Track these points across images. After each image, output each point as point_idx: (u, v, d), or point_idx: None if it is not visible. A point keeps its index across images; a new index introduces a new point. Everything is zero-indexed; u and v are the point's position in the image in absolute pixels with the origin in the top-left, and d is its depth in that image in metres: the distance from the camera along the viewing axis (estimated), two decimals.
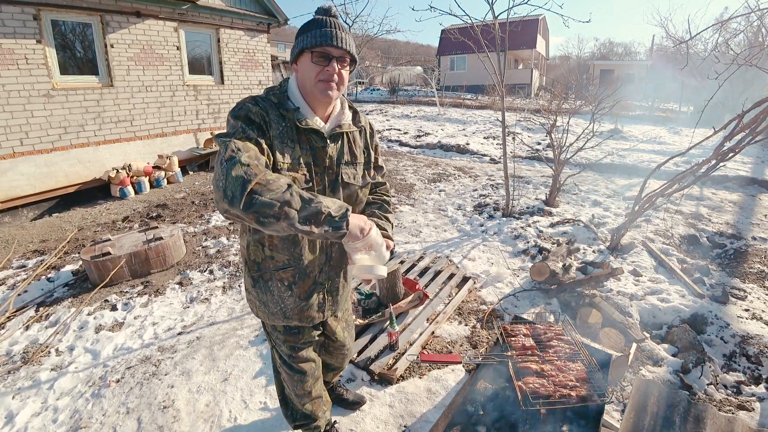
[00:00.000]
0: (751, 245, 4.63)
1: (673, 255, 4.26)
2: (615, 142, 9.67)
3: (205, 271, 3.96)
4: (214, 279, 3.82)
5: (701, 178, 3.64)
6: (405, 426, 2.31)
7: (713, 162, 3.53)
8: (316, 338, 1.74)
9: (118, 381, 2.58)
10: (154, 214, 5.46)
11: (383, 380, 2.65)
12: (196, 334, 3.03)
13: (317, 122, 1.40)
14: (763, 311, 3.44)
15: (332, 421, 2.17)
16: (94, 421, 2.30)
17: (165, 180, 6.95)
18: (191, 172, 7.73)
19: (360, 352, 2.83)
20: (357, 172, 1.52)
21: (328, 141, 1.41)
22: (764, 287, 3.82)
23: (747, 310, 3.45)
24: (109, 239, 4.05)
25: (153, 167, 6.89)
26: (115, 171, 6.31)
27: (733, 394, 2.64)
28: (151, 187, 6.78)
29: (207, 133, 8.00)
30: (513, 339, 1.81)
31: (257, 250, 1.49)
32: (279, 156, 1.29)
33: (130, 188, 6.40)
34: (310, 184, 1.37)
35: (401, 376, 2.69)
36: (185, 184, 7.03)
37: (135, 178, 6.54)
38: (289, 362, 1.69)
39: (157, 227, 4.35)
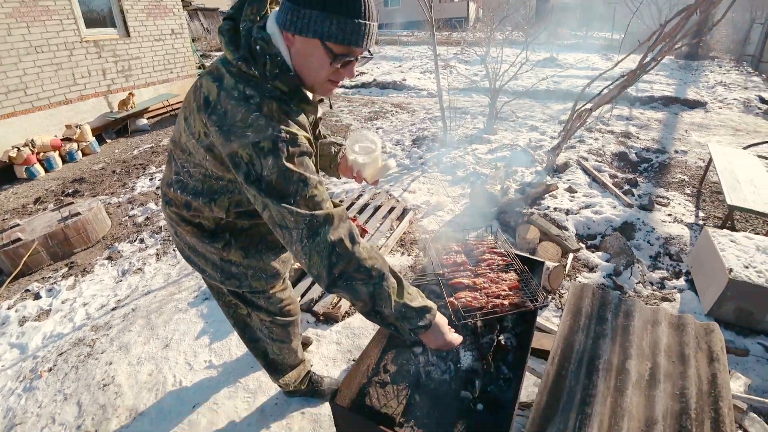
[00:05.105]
0: (674, 158, 4.96)
1: (605, 171, 4.43)
2: (551, 70, 9.73)
3: (135, 241, 3.67)
4: (146, 247, 3.56)
5: (627, 88, 3.67)
6: (353, 360, 2.31)
7: (638, 73, 3.55)
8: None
9: (50, 370, 2.40)
10: (70, 191, 4.89)
11: (329, 319, 2.64)
12: (131, 306, 2.86)
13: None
14: (683, 215, 3.71)
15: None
16: (30, 415, 2.14)
17: (79, 152, 6.15)
18: (109, 140, 6.90)
19: (302, 295, 2.78)
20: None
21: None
22: (684, 194, 4.12)
23: (670, 215, 3.70)
24: (18, 224, 3.58)
25: (62, 140, 6.04)
26: (16, 150, 5.46)
27: (658, 289, 2.84)
28: (64, 162, 5.99)
29: (120, 94, 7.13)
30: (444, 257, 1.74)
31: (240, 220, 1.35)
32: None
33: (38, 167, 5.61)
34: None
35: (346, 312, 2.69)
36: (103, 153, 6.32)
37: (42, 154, 5.71)
38: (280, 312, 1.63)
39: (72, 203, 3.89)
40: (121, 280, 3.16)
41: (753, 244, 2.76)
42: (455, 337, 1.26)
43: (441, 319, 1.22)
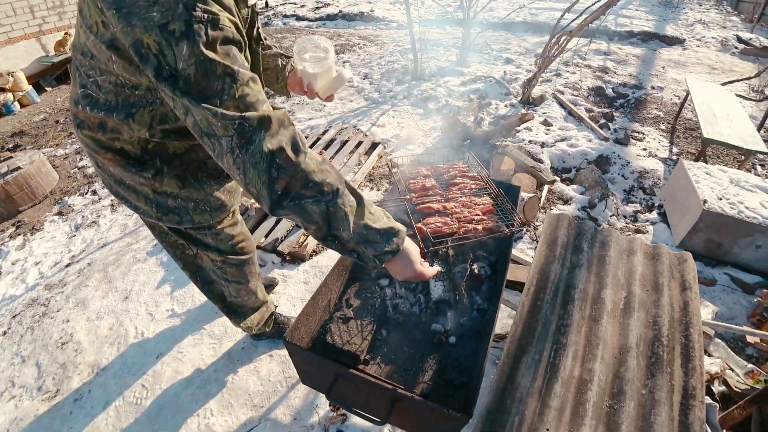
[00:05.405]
0: (650, 94, 4.85)
1: (582, 105, 4.28)
2: (527, 0, 9.28)
3: (86, 194, 3.38)
4: (99, 199, 3.28)
5: (610, 6, 3.42)
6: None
7: None
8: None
9: (4, 333, 2.29)
10: (10, 146, 4.37)
11: (295, 259, 2.56)
12: (86, 261, 2.69)
13: None
14: (657, 149, 3.67)
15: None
16: None
17: (16, 103, 5.40)
18: (49, 88, 6.06)
19: (267, 235, 2.67)
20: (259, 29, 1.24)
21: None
22: (659, 129, 4.07)
23: (644, 149, 3.65)
24: None
25: None
26: None
27: (631, 222, 2.80)
28: (0, 115, 5.31)
29: (55, 35, 6.20)
30: (412, 182, 1.55)
31: (170, 141, 1.10)
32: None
33: None
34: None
35: (313, 251, 2.61)
36: (44, 103, 5.59)
37: None
38: (232, 251, 1.46)
39: (11, 158, 3.44)
40: (74, 235, 2.96)
41: (727, 176, 2.73)
42: (428, 269, 1.08)
43: (410, 246, 1.04)
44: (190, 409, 1.82)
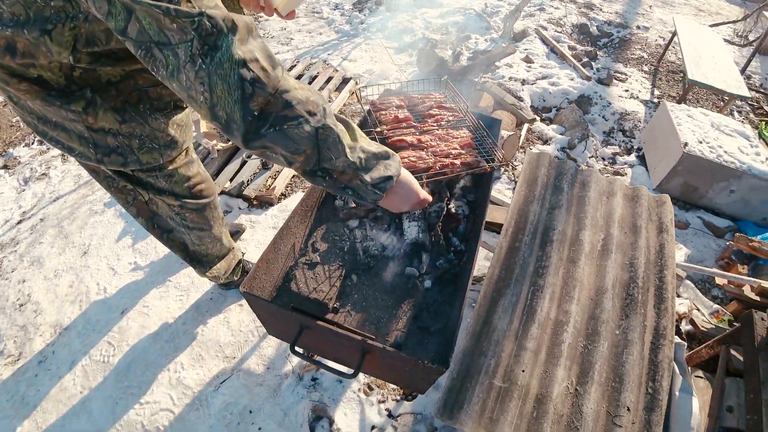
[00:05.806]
0: (635, 34, 4.70)
1: (565, 42, 4.09)
2: None
3: (33, 144, 3.05)
4: (49, 149, 2.98)
5: None
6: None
7: None
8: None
9: None
10: None
11: (263, 203, 2.41)
12: (38, 216, 2.50)
13: None
14: (639, 91, 3.59)
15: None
16: None
17: None
18: None
19: (232, 179, 2.50)
20: None
21: None
22: (642, 71, 3.96)
23: (626, 91, 3.56)
24: None
25: None
26: None
27: (610, 164, 2.76)
28: None
29: None
30: (383, 113, 1.40)
31: (102, 66, 0.89)
32: None
33: None
34: None
35: (282, 194, 2.49)
36: None
37: None
38: (190, 194, 1.31)
39: None
40: (23, 190, 2.71)
41: (708, 120, 2.69)
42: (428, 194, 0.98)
43: (405, 170, 0.92)
44: (160, 364, 1.76)
